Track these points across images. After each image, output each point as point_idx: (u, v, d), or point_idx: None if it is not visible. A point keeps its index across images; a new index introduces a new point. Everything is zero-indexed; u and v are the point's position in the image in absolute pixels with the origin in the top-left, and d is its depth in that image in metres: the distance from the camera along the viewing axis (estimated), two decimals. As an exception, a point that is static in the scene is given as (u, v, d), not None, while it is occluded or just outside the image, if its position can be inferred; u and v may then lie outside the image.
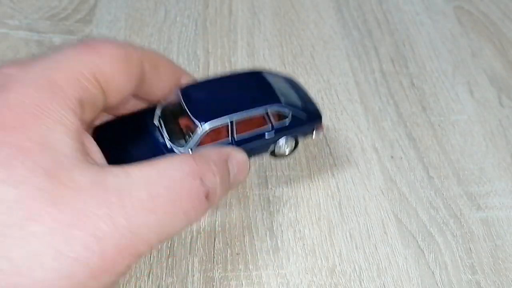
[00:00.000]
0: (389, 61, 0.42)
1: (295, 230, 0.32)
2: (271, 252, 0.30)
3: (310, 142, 0.36)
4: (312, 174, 0.34)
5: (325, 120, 0.37)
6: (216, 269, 0.29)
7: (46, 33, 0.41)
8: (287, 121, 0.31)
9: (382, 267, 0.30)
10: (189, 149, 0.28)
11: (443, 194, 0.34)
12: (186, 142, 0.28)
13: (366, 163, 0.35)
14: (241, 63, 0.41)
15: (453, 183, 0.35)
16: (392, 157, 0.36)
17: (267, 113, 0.29)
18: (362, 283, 0.29)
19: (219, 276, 0.29)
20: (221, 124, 0.28)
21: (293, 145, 0.33)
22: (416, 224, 0.32)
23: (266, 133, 0.30)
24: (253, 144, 0.30)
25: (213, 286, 0.29)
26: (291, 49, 0.42)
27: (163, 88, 0.28)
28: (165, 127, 0.29)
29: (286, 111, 0.30)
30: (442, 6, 0.47)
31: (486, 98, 0.40)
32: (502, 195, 0.34)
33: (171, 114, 0.29)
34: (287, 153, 0.33)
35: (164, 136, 0.28)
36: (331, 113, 0.38)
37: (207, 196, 0.21)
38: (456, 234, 0.32)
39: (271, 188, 0.33)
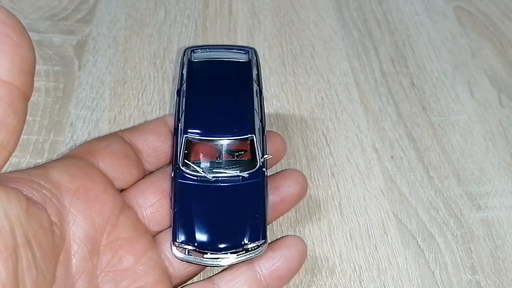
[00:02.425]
0: (389, 61, 0.42)
1: (295, 230, 0.32)
2: (271, 252, 0.30)
3: (310, 142, 0.36)
4: (312, 174, 0.34)
5: (325, 120, 0.37)
6: (217, 269, 0.29)
7: (46, 33, 0.41)
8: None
9: (382, 267, 0.30)
10: (261, 163, 0.28)
11: (443, 194, 0.34)
12: (254, 163, 0.28)
13: (366, 163, 0.35)
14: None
15: (453, 183, 0.35)
16: (392, 157, 0.36)
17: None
18: (362, 283, 0.29)
19: (219, 276, 0.29)
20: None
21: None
22: (416, 224, 0.32)
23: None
24: None
25: (213, 286, 0.28)
26: (291, 49, 0.42)
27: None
28: (220, 168, 0.28)
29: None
30: (442, 6, 0.47)
31: (486, 98, 0.40)
32: (502, 195, 0.34)
33: (210, 156, 0.28)
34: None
35: (235, 173, 0.27)
36: (331, 113, 0.38)
37: None
38: (456, 234, 0.32)
39: (271, 188, 0.33)
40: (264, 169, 0.28)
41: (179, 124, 0.29)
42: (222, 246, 0.26)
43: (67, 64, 0.39)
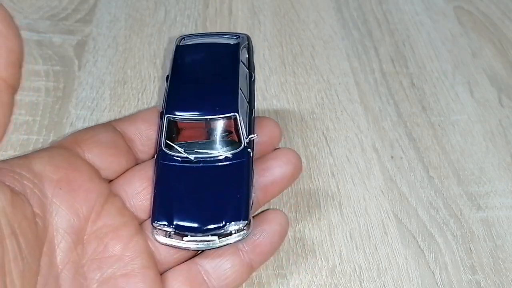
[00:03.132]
0: (389, 61, 0.42)
1: (295, 230, 0.32)
2: (271, 252, 0.30)
3: (310, 142, 0.36)
4: (312, 174, 0.34)
5: (325, 120, 0.37)
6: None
7: (46, 33, 0.41)
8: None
9: (382, 267, 0.30)
10: (246, 143, 0.27)
11: (443, 194, 0.34)
12: (238, 143, 0.27)
13: (366, 163, 0.35)
14: (241, 63, 0.41)
15: (453, 183, 0.35)
16: (392, 157, 0.36)
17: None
18: (362, 283, 0.29)
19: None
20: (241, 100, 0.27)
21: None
22: (416, 224, 0.32)
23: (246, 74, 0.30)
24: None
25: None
26: (291, 49, 0.42)
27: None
28: (204, 149, 0.27)
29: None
30: (442, 6, 0.47)
31: (486, 98, 0.40)
32: (502, 195, 0.34)
33: (194, 137, 0.27)
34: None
35: (218, 153, 0.27)
36: (331, 113, 0.38)
37: None
38: (456, 234, 0.32)
39: (271, 188, 0.33)
40: (249, 150, 0.27)
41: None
42: (200, 227, 0.25)
43: (67, 64, 0.39)
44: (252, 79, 0.31)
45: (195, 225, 0.25)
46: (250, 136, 0.27)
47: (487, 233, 0.32)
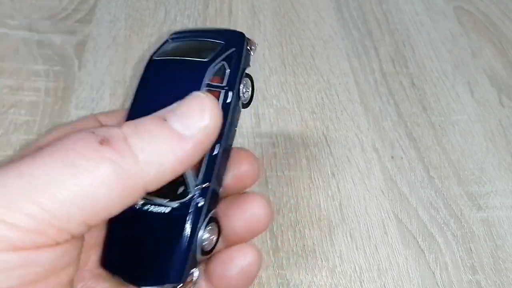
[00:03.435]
0: (389, 61, 0.42)
1: (295, 230, 0.31)
2: (271, 252, 0.30)
3: (310, 142, 0.36)
4: (312, 174, 0.34)
5: (325, 120, 0.37)
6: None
7: (46, 33, 0.41)
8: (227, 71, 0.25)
9: (383, 267, 0.30)
10: (196, 192, 0.23)
11: (443, 194, 0.34)
12: (187, 191, 0.23)
13: (366, 163, 0.35)
14: (241, 63, 0.40)
15: (454, 183, 0.35)
16: (392, 157, 0.36)
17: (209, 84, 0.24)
18: (363, 284, 0.29)
19: (219, 277, 0.29)
20: None
21: (250, 82, 0.27)
22: (416, 224, 0.32)
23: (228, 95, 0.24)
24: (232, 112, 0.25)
25: (213, 286, 0.28)
26: (291, 49, 0.42)
27: None
28: (156, 193, 0.22)
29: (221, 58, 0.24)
30: (442, 6, 0.47)
31: (486, 98, 0.40)
32: (502, 195, 0.34)
33: None
34: (249, 94, 0.27)
35: (164, 202, 0.23)
36: (331, 113, 0.38)
37: (102, 142, 0.18)
38: (457, 234, 0.32)
39: (271, 189, 0.33)
40: (199, 199, 0.24)
41: None
42: (134, 279, 0.24)
43: (67, 64, 0.39)
44: (228, 101, 0.25)
45: (130, 275, 0.24)
46: (198, 187, 0.24)
47: (488, 233, 0.32)
